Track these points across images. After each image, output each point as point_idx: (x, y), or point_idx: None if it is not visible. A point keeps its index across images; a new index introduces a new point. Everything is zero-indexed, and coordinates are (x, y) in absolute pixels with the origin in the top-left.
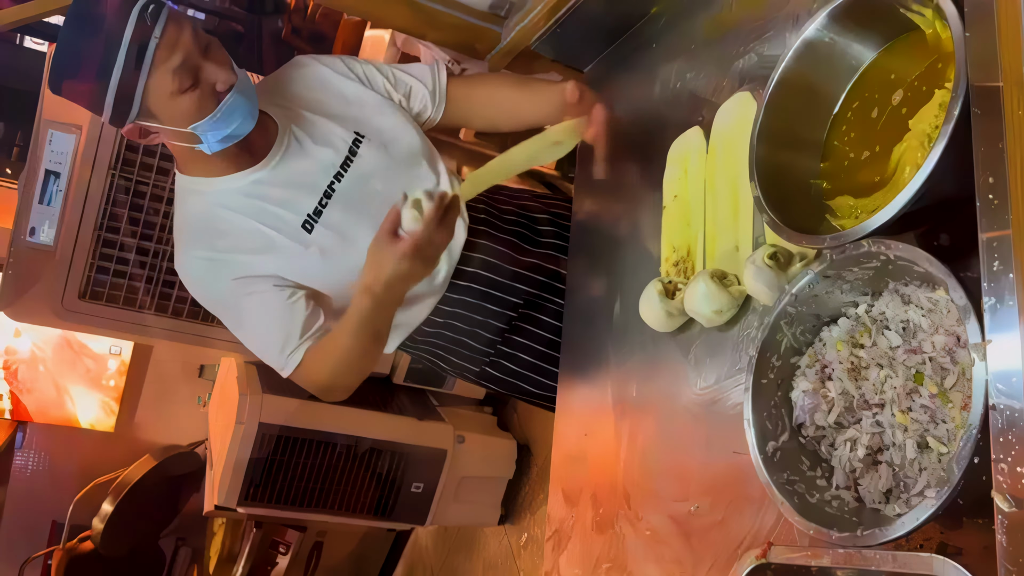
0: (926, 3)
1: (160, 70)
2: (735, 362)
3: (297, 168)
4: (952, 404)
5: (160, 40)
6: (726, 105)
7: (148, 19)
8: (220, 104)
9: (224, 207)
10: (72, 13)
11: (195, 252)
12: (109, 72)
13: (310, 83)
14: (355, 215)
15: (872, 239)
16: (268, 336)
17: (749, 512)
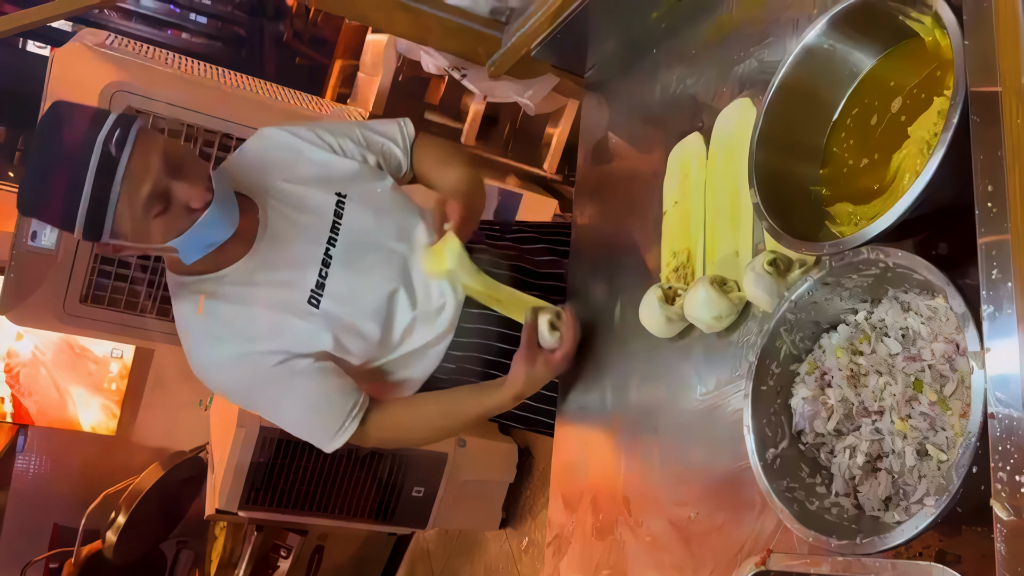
0: (925, 11)
1: (128, 198)
2: (735, 368)
3: (288, 244)
4: (951, 411)
5: (127, 169)
6: (726, 111)
7: (113, 148)
8: (195, 222)
9: (225, 301)
10: (37, 139)
11: (212, 352)
12: (76, 201)
13: (282, 153)
14: (357, 277)
15: (871, 246)
16: (314, 422)
17: (749, 518)
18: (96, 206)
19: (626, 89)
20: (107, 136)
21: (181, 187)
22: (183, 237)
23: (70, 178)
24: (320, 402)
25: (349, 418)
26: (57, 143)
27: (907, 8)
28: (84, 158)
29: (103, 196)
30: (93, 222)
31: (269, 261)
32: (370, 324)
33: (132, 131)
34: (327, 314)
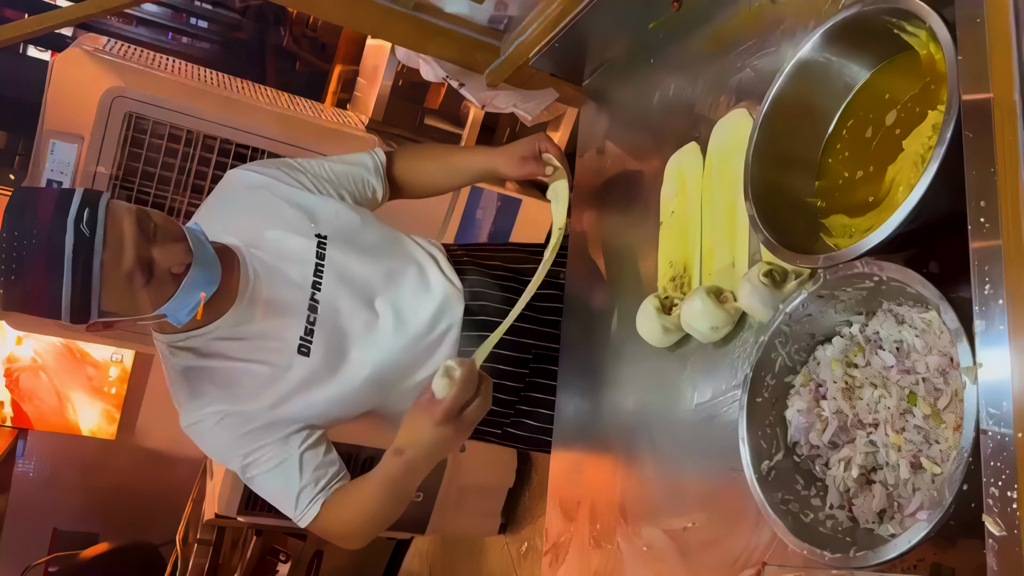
0: (920, 25)
1: (111, 276)
2: (732, 378)
3: (272, 293)
4: (945, 425)
5: (104, 249)
6: (722, 122)
7: (85, 229)
8: (180, 285)
9: (213, 357)
10: (5, 234)
11: (199, 411)
12: (59, 291)
13: (254, 196)
14: (345, 321)
15: (865, 260)
16: (283, 491)
17: (745, 529)
18: (80, 291)
19: (624, 98)
20: (76, 217)
21: (160, 253)
22: (170, 302)
23: (47, 268)
24: (294, 470)
25: (323, 490)
26: (26, 234)
27: (902, 22)
28: (58, 245)
29: (85, 280)
30: (79, 307)
31: (254, 313)
32: (366, 366)
33: (101, 207)
34: (319, 362)
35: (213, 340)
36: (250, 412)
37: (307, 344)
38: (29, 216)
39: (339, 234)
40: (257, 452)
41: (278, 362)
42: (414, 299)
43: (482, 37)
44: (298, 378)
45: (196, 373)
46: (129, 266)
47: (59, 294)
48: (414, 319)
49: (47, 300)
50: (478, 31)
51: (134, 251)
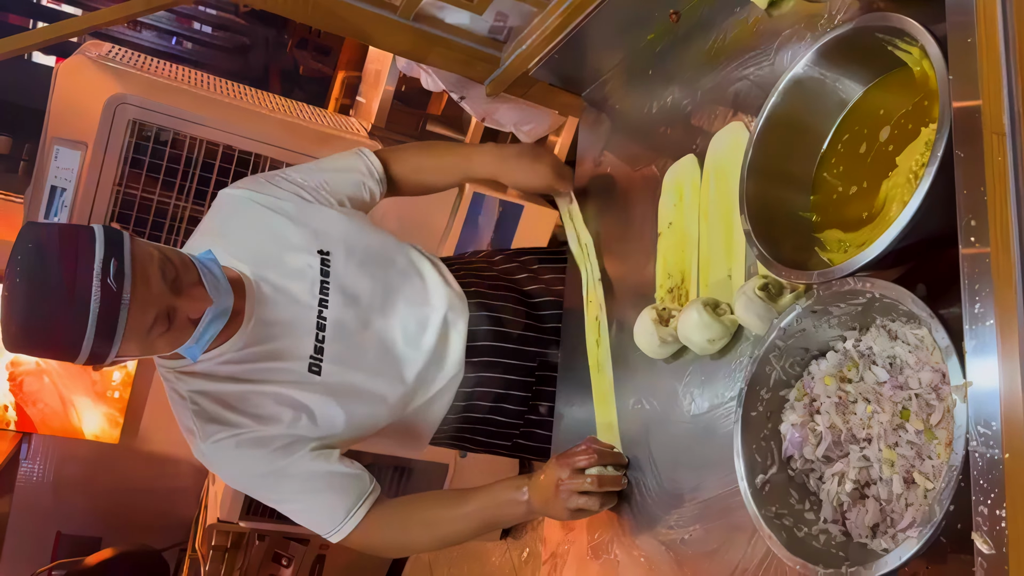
0: (912, 42)
1: (135, 326)
2: (728, 390)
3: (280, 314)
4: (938, 441)
5: (131, 303)
6: (719, 135)
7: (113, 284)
8: (197, 329)
9: (223, 381)
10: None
11: (213, 437)
12: (80, 340)
13: (254, 216)
14: (354, 336)
15: (857, 277)
16: (320, 508)
17: (740, 542)
18: (101, 341)
19: (623, 109)
20: (103, 270)
21: (182, 303)
22: (187, 344)
23: (71, 321)
24: (323, 488)
25: (356, 507)
26: (46, 282)
27: (895, 39)
28: (83, 299)
29: (108, 331)
30: (98, 354)
31: (262, 335)
32: (378, 381)
33: (126, 257)
34: (331, 380)
35: (221, 364)
36: (267, 435)
37: (318, 362)
38: (51, 263)
39: (341, 247)
40: (279, 475)
41: (290, 381)
42: (420, 308)
43: (482, 48)
44: (311, 397)
45: (207, 397)
46: (152, 317)
47: (79, 344)
48: (421, 329)
49: (65, 347)
50: (478, 42)
51: (159, 303)
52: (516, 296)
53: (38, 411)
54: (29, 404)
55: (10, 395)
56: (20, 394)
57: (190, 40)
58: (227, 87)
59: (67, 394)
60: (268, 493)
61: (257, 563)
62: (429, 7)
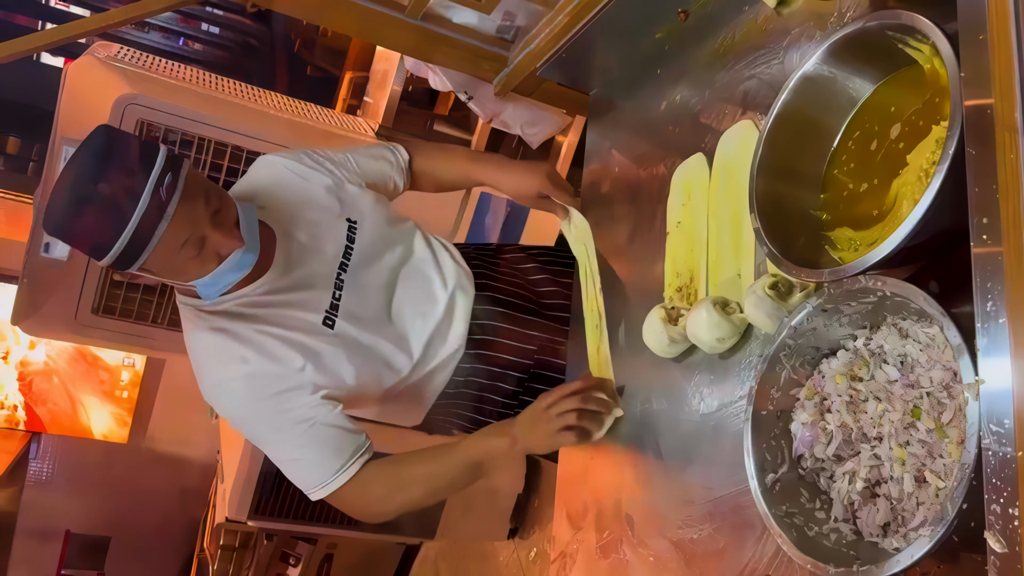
0: (923, 40)
1: (166, 244)
2: (738, 389)
3: (304, 268)
4: (949, 439)
5: (173, 216)
6: (728, 133)
7: (163, 193)
8: (220, 265)
9: (241, 320)
10: (81, 165)
11: (225, 372)
12: (114, 239)
13: (289, 180)
14: (368, 299)
15: (869, 275)
16: (316, 458)
17: (750, 541)
18: (134, 245)
19: (631, 108)
20: (159, 178)
21: (216, 236)
22: (207, 278)
23: (115, 216)
24: (322, 437)
25: (350, 462)
26: (104, 175)
27: (905, 37)
28: (134, 198)
29: (144, 237)
30: (127, 257)
31: (284, 284)
32: (386, 344)
33: (182, 176)
34: (342, 334)
35: (241, 305)
36: (276, 374)
37: (332, 317)
38: (116, 159)
39: (366, 219)
40: (283, 417)
41: (304, 329)
42: (430, 282)
43: (490, 47)
44: (322, 347)
45: (224, 335)
46: (186, 238)
47: (113, 242)
48: (429, 301)
49: (99, 242)
50: (486, 41)
51: (196, 227)
52: (521, 282)
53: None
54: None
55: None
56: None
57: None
58: (235, 87)
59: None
60: (269, 434)
61: (265, 562)
62: (437, 7)
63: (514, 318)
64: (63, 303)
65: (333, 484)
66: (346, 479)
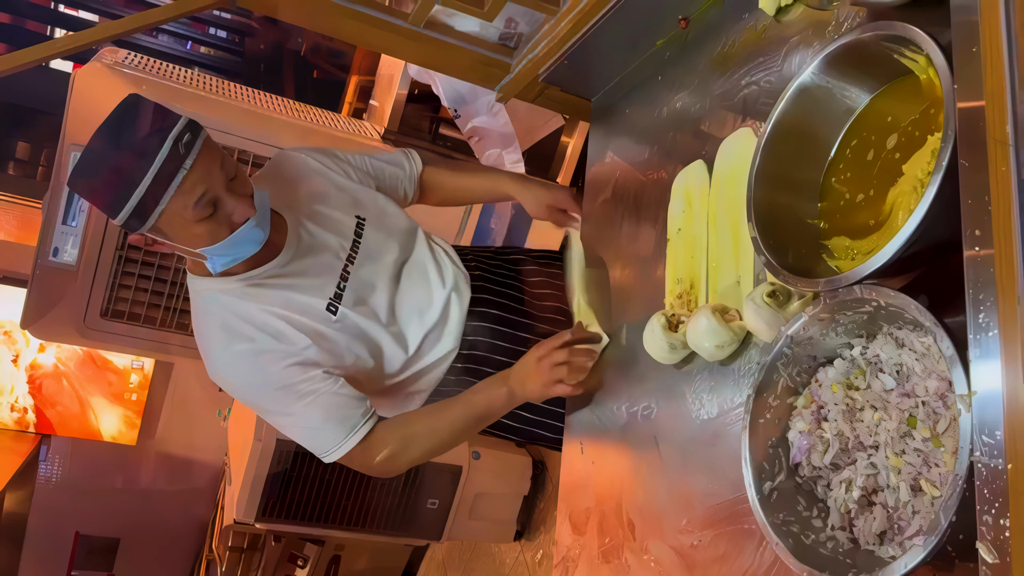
0: (918, 51)
1: (181, 198)
2: (737, 395)
3: (312, 258)
4: (944, 449)
5: (189, 171)
6: (728, 141)
7: (182, 148)
8: (232, 234)
9: (250, 300)
10: (109, 125)
11: (233, 348)
12: (132, 189)
13: (306, 173)
14: (371, 293)
15: (864, 285)
16: (321, 426)
17: (749, 548)
18: (149, 199)
19: (632, 114)
20: (178, 134)
21: (230, 200)
22: (216, 247)
23: (133, 166)
24: (330, 406)
25: (358, 425)
26: (128, 130)
27: (901, 47)
28: (152, 150)
29: (159, 190)
30: (141, 212)
31: (293, 270)
32: (385, 337)
33: (200, 136)
34: (345, 321)
35: (250, 286)
36: (282, 351)
37: (335, 305)
38: (140, 118)
39: (375, 219)
40: (290, 390)
41: (310, 314)
42: (429, 281)
43: (492, 54)
44: (325, 330)
45: (232, 314)
46: (200, 194)
47: (130, 193)
48: (428, 300)
49: (116, 194)
50: (489, 48)
51: (211, 184)
52: (518, 285)
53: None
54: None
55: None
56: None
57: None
58: (242, 92)
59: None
60: (278, 406)
61: (273, 564)
62: (440, 14)
63: (508, 321)
64: (72, 307)
65: (344, 447)
66: (356, 441)
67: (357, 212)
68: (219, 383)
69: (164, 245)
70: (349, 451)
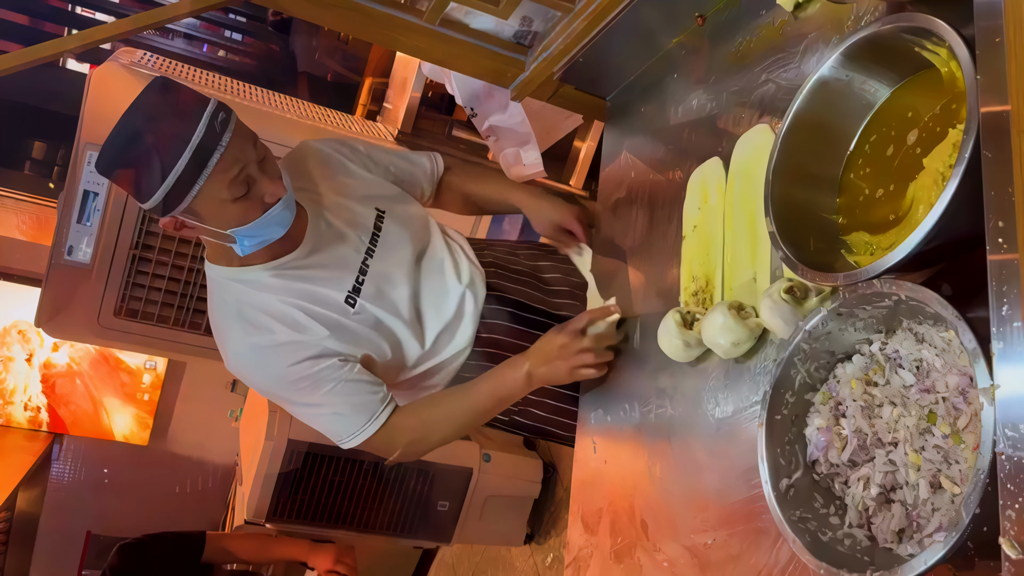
0: (940, 43)
1: (217, 178)
2: (753, 394)
3: (332, 250)
4: (965, 445)
5: (226, 149)
6: (745, 137)
7: (218, 127)
8: (263, 215)
9: (269, 291)
10: (140, 106)
11: (251, 340)
12: (168, 170)
13: (327, 165)
14: (389, 286)
15: (884, 279)
16: (342, 413)
17: (765, 546)
18: (184, 180)
19: (648, 112)
20: (213, 112)
21: (264, 179)
22: (248, 227)
23: (170, 145)
24: (348, 392)
25: (378, 411)
26: (163, 109)
27: (922, 40)
28: (190, 128)
29: (195, 170)
30: (175, 193)
31: (311, 262)
32: (402, 328)
33: (233, 117)
34: (363, 314)
35: (270, 276)
36: (303, 341)
37: (353, 298)
38: (171, 97)
39: (394, 212)
40: (310, 379)
41: (328, 306)
42: (446, 277)
43: (508, 52)
44: (343, 321)
45: (249, 306)
46: (235, 174)
47: (168, 171)
48: (443, 295)
49: (152, 174)
50: (504, 46)
51: (246, 163)
52: (532, 281)
53: (70, 412)
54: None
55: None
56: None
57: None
58: (257, 93)
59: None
60: (297, 396)
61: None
62: (455, 12)
63: (522, 319)
64: (85, 305)
65: (365, 432)
66: (376, 428)
67: (377, 205)
68: (236, 374)
69: (193, 229)
70: (370, 437)
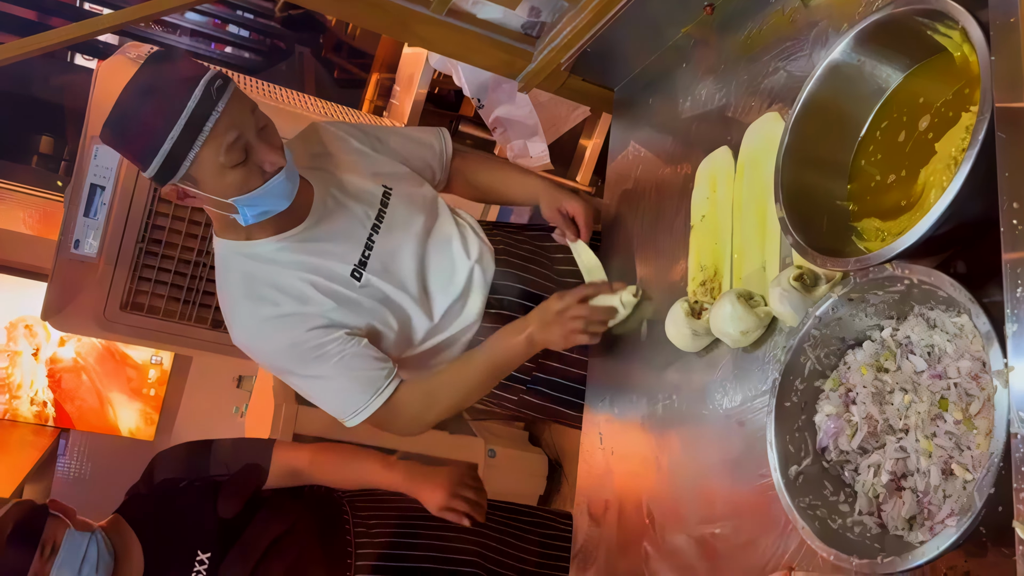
0: (953, 26)
1: (214, 143)
2: (761, 383)
3: (338, 224)
4: (977, 431)
5: (220, 115)
6: (754, 125)
7: (214, 93)
8: (264, 184)
9: (275, 264)
10: (140, 74)
11: (258, 313)
12: (164, 135)
13: (335, 144)
14: (396, 262)
15: (896, 263)
16: (347, 388)
17: (773, 535)
18: (182, 144)
19: (656, 102)
20: (210, 79)
21: (262, 147)
22: (249, 196)
23: (167, 109)
24: (354, 367)
25: (383, 387)
26: (160, 77)
27: (935, 23)
28: (185, 93)
29: (191, 135)
30: (173, 159)
31: (318, 235)
32: (409, 303)
33: (231, 84)
34: (369, 288)
35: (276, 251)
36: (309, 313)
37: (359, 272)
38: (169, 66)
39: (401, 188)
40: (316, 352)
41: (334, 279)
42: (454, 252)
43: (515, 43)
44: (349, 294)
45: (256, 279)
46: (232, 139)
47: (164, 136)
48: (452, 271)
49: (150, 139)
50: (511, 37)
51: (243, 129)
52: (541, 260)
53: (76, 407)
54: (67, 401)
55: (49, 392)
56: (59, 391)
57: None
58: (263, 88)
59: (104, 391)
60: (302, 369)
61: None
62: (462, 2)
63: (531, 295)
64: (92, 299)
65: (369, 408)
66: (380, 403)
67: (384, 182)
68: (243, 348)
69: (196, 199)
70: (374, 412)
